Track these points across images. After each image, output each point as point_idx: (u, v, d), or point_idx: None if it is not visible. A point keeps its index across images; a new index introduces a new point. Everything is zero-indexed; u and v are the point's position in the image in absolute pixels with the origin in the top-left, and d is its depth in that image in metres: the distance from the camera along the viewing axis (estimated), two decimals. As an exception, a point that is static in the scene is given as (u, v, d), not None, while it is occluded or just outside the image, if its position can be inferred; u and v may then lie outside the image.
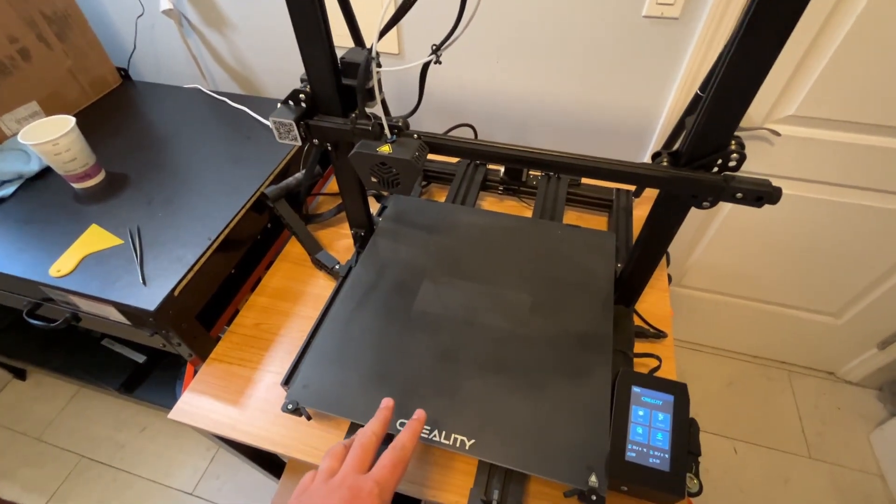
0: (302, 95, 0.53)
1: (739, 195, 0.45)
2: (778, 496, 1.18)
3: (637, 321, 0.70)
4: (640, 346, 0.67)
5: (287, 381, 0.59)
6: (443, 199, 0.85)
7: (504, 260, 0.67)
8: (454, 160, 0.91)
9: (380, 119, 0.49)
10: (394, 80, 1.00)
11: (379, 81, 0.55)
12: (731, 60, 0.38)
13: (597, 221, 0.86)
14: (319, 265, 0.77)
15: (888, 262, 1.03)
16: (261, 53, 1.06)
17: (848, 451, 1.24)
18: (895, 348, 1.20)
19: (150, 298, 0.60)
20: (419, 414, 0.47)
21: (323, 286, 0.78)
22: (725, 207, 1.04)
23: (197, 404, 0.64)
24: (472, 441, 0.49)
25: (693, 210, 1.13)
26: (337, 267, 0.74)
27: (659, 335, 0.67)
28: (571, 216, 0.88)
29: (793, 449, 1.25)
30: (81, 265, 0.65)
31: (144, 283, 0.63)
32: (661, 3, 0.75)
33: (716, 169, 0.46)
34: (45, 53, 0.88)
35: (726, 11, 0.72)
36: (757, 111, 0.86)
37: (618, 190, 0.85)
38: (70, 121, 0.72)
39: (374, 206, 0.86)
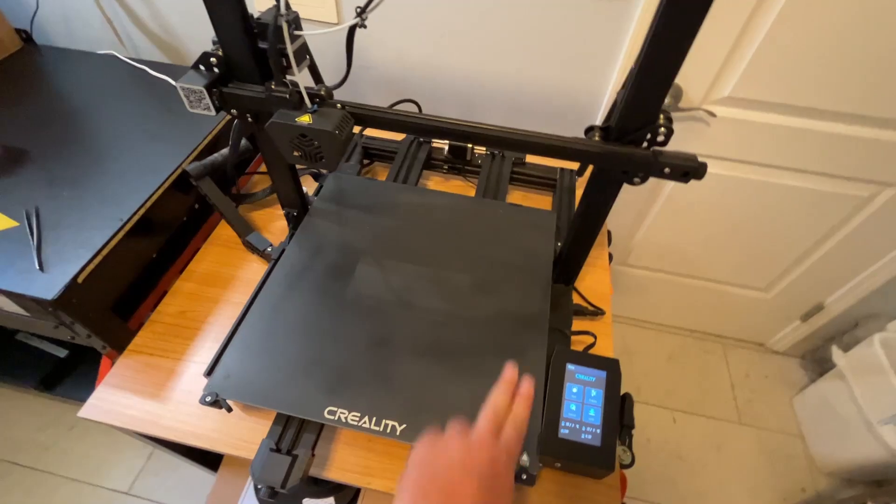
0: (213, 59, 0.48)
1: (667, 170, 0.45)
2: (712, 461, 1.25)
3: (577, 299, 0.71)
4: (579, 324, 0.67)
5: (210, 372, 0.55)
6: (384, 178, 0.82)
7: (444, 240, 0.65)
8: (399, 138, 0.88)
9: (298, 87, 0.45)
10: (334, 49, 0.94)
11: (305, 46, 0.51)
12: (654, 34, 0.37)
13: (542, 201, 0.86)
14: (251, 248, 0.72)
15: (810, 240, 1.10)
16: (187, 16, 0.97)
17: (773, 415, 1.34)
18: (816, 320, 1.30)
19: (48, 286, 0.54)
20: (525, 388, 0.44)
21: (256, 270, 0.73)
22: (666, 188, 1.07)
23: (112, 400, 0.59)
24: (403, 426, 0.47)
25: (637, 191, 1.14)
26: (269, 249, 0.70)
27: (597, 313, 0.68)
28: (517, 195, 0.87)
29: (725, 416, 1.33)
30: (-33, 250, 0.58)
31: (41, 269, 0.56)
32: (603, -21, 0.74)
33: (645, 144, 0.45)
34: (-81, 8, 0.76)
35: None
36: (695, 92, 0.87)
37: (562, 169, 0.85)
38: (-52, 86, 0.63)
39: (313, 186, 0.82)
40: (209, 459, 0.85)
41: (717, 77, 0.84)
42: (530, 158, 0.86)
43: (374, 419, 0.47)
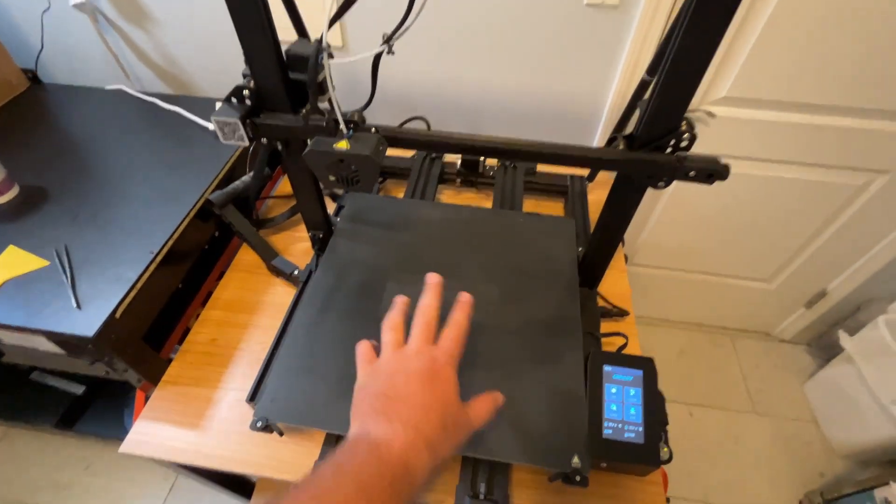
0: (246, 92, 0.50)
1: (692, 173, 0.47)
2: (730, 452, 1.27)
3: (600, 302, 0.72)
4: (605, 326, 0.69)
5: (253, 397, 0.56)
6: (400, 195, 0.84)
7: (468, 252, 0.66)
8: (409, 154, 0.90)
9: (334, 114, 0.46)
10: (339, 74, 0.96)
11: (330, 74, 0.53)
12: (680, 42, 0.39)
13: (554, 208, 0.88)
14: (277, 272, 0.73)
15: (810, 229, 1.13)
16: (190, 49, 0.99)
17: (786, 403, 1.36)
18: (819, 306, 1.33)
19: (87, 323, 0.55)
20: (464, 296, 0.46)
21: (282, 294, 0.74)
22: (669, 188, 1.09)
23: (152, 433, 0.59)
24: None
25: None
26: (296, 272, 0.71)
27: (622, 314, 0.70)
28: (529, 204, 0.89)
29: (740, 407, 1.35)
30: (2, 292, 0.58)
31: (79, 306, 0.56)
32: (601, -8, 0.77)
33: (669, 150, 0.47)
34: (-69, 55, 0.77)
35: (658, 7, 0.76)
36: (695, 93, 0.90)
37: (572, 176, 0.87)
38: (-30, 130, 0.64)
39: (330, 207, 0.83)
40: (238, 485, 0.84)
41: (714, 78, 0.88)
42: (540, 167, 0.88)
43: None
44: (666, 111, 0.44)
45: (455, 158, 0.87)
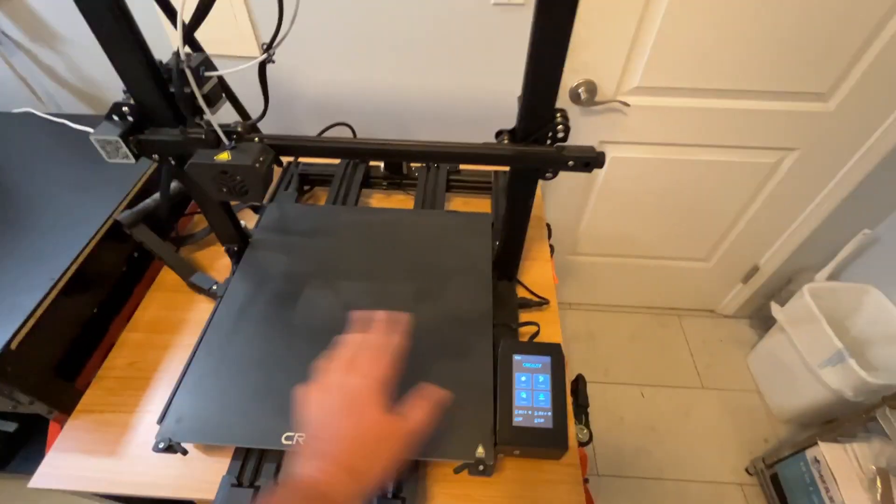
0: (126, 108, 0.49)
1: (571, 163, 0.49)
2: (681, 427, 1.31)
3: (523, 293, 0.74)
4: (526, 316, 0.70)
5: (163, 419, 0.55)
6: (324, 202, 0.83)
7: (384, 254, 0.67)
8: (335, 162, 0.90)
9: (213, 126, 0.46)
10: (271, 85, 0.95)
11: (219, 86, 0.52)
12: (533, 41, 0.41)
13: (481, 204, 0.89)
14: (196, 288, 0.72)
15: (735, 208, 1.19)
16: (105, 66, 0.96)
17: (731, 376, 1.42)
18: (755, 281, 1.39)
19: (-22, 357, 0.52)
20: (396, 316, 0.47)
21: (205, 310, 0.72)
22: (598, 178, 1.13)
23: (64, 465, 0.58)
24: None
25: (573, 184, 1.20)
26: (214, 287, 0.70)
27: (542, 302, 0.72)
28: (458, 202, 0.90)
29: (689, 383, 1.41)
30: None
31: (-29, 340, 0.54)
32: (506, -9, 0.79)
33: (549, 142, 0.49)
34: None
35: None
36: (608, 85, 0.93)
37: (496, 172, 0.89)
38: None
39: (253, 218, 0.82)
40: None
41: (625, 70, 0.91)
42: (464, 165, 0.89)
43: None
44: (536, 104, 0.46)
45: (379, 162, 0.88)
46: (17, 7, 0.86)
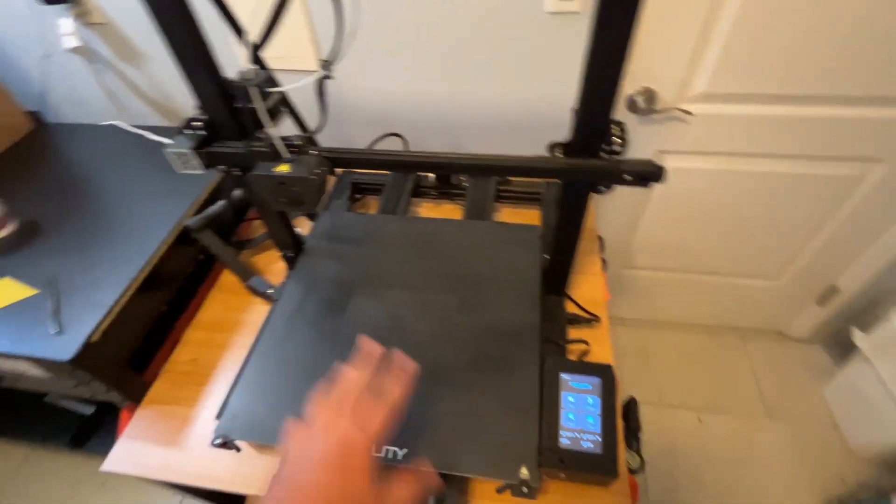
0: (197, 123, 0.52)
1: (628, 177, 0.47)
2: (743, 459, 1.22)
3: (573, 308, 0.72)
4: (575, 333, 0.68)
5: (220, 415, 0.58)
6: (375, 211, 0.85)
7: (431, 264, 0.67)
8: (387, 172, 0.92)
9: (273, 140, 0.48)
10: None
11: (280, 101, 0.55)
12: (590, 55, 0.39)
13: (530, 215, 0.87)
14: (254, 291, 0.76)
15: (810, 224, 1.09)
16: (181, 82, 1.04)
17: (803, 406, 1.30)
18: (832, 303, 1.27)
19: (65, 348, 0.58)
20: (411, 365, 0.41)
21: (261, 312, 0.76)
22: (657, 188, 1.08)
23: (132, 451, 0.62)
24: (405, 451, 0.49)
25: (627, 195, 1.16)
26: (270, 291, 0.73)
27: (592, 319, 0.69)
28: (507, 213, 0.89)
29: (752, 411, 1.30)
30: (-8, 322, 0.62)
31: (61, 332, 0.60)
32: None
33: (604, 154, 0.47)
34: (-60, 105, 0.83)
35: (620, 2, 0.75)
36: (668, 93, 0.89)
37: (547, 183, 0.87)
38: (-33, 173, 0.69)
39: (307, 225, 0.85)
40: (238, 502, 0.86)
41: (688, 76, 0.86)
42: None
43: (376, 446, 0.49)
44: (592, 117, 0.44)
45: (428, 172, 0.88)
46: (109, 30, 0.95)
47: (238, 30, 0.51)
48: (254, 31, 0.41)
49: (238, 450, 0.55)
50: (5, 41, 1.00)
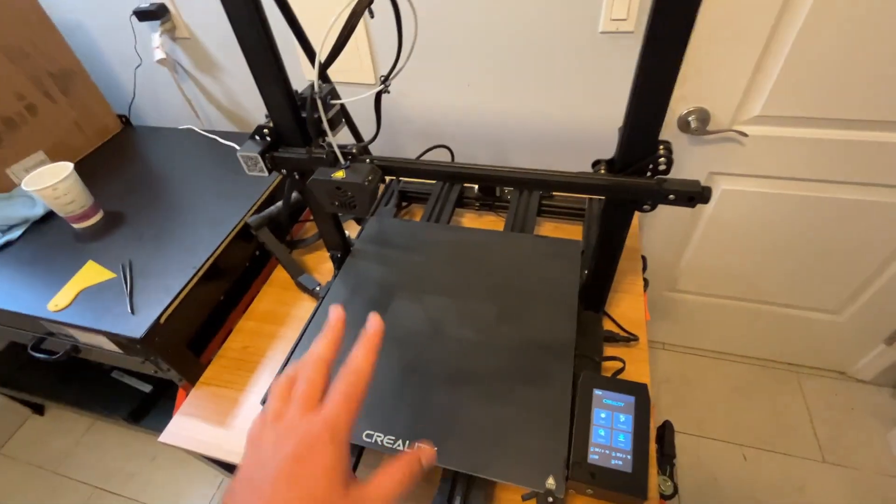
0: (266, 130, 0.57)
1: (672, 196, 0.47)
2: (794, 502, 1.14)
3: (611, 326, 0.71)
4: (611, 350, 0.67)
5: (265, 400, 0.62)
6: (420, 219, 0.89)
7: (472, 273, 0.69)
8: (433, 181, 0.95)
9: (333, 147, 0.52)
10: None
11: (340, 112, 0.59)
12: (639, 72, 0.41)
13: (573, 231, 0.88)
14: (302, 288, 0.80)
15: (878, 256, 1.02)
16: (250, 92, 1.13)
17: (865, 453, 1.20)
18: (903, 343, 1.17)
19: (137, 327, 0.64)
20: (374, 325, 0.36)
21: (308, 308, 0.81)
22: (706, 210, 1.05)
23: (186, 427, 0.67)
24: (435, 449, 0.50)
25: (675, 216, 1.14)
26: (317, 288, 0.77)
27: (630, 339, 0.68)
28: (549, 227, 0.90)
29: (805, 453, 1.21)
30: (77, 299, 0.70)
31: (133, 312, 0.67)
32: (615, 20, 0.79)
33: (649, 174, 0.48)
34: (50, 107, 0.95)
35: (676, 22, 0.75)
36: (723, 114, 0.87)
37: (590, 199, 0.87)
38: (68, 167, 0.79)
39: (355, 229, 0.90)
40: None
41: (745, 97, 0.84)
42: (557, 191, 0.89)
43: (408, 442, 0.51)
44: (639, 136, 0.45)
45: (473, 184, 0.91)
46: (191, 44, 1.05)
47: (309, 49, 0.56)
48: (318, 46, 0.45)
49: (280, 433, 0.59)
50: (106, 52, 1.13)
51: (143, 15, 0.99)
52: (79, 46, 1.04)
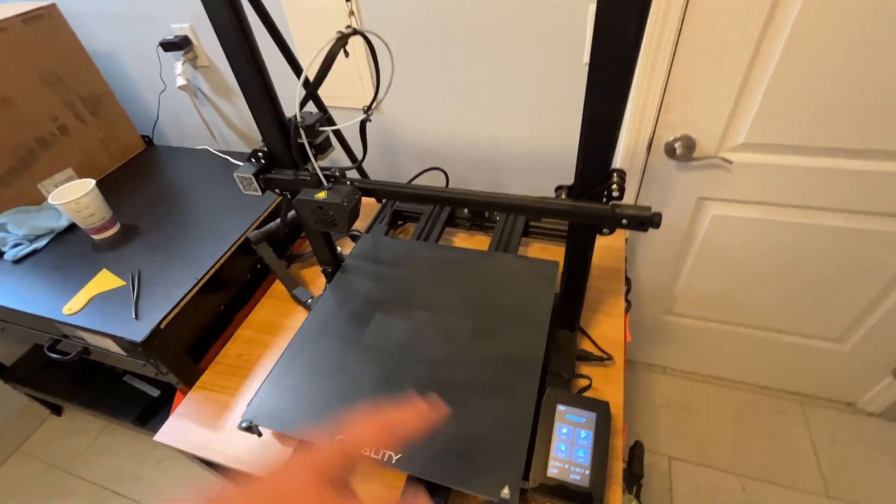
0: (260, 153, 0.63)
1: (625, 221, 0.50)
2: (793, 538, 1.10)
3: (589, 346, 0.73)
4: (586, 369, 0.69)
5: (250, 427, 0.66)
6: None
7: (453, 290, 0.72)
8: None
9: (315, 170, 0.57)
10: (374, 131, 1.10)
11: (328, 139, 0.65)
12: (587, 106, 0.44)
13: (558, 252, 0.90)
14: (296, 300, 0.85)
15: (876, 286, 1.00)
16: (263, 116, 1.20)
17: (871, 488, 1.15)
18: (910, 375, 1.14)
19: (139, 331, 0.70)
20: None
21: (301, 319, 0.85)
22: (698, 235, 1.06)
23: (180, 428, 0.72)
24: (399, 455, 0.53)
25: (667, 240, 1.15)
26: (310, 301, 0.82)
27: (604, 358, 0.70)
28: (536, 248, 0.92)
29: (808, 486, 1.17)
30: (90, 304, 0.76)
31: (137, 317, 0.72)
32: (599, 52, 0.82)
33: (605, 199, 0.51)
34: (80, 128, 1.04)
35: (656, 60, 0.79)
36: (708, 142, 0.89)
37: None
38: (90, 183, 0.86)
39: (350, 246, 0.95)
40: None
41: (729, 126, 0.86)
42: (545, 213, 0.92)
43: (373, 448, 0.54)
44: (592, 164, 0.48)
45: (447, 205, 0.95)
46: (210, 71, 1.14)
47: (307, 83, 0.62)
48: (300, 81, 0.51)
49: (259, 434, 0.62)
50: (134, 78, 1.23)
51: (168, 46, 1.08)
52: (109, 73, 1.14)
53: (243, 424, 0.59)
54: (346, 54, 0.48)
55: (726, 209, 0.98)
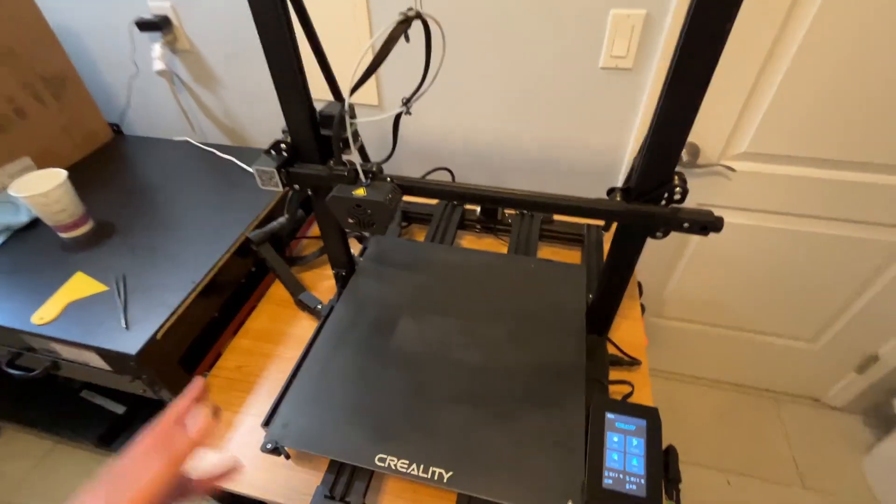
0: (283, 145, 0.57)
1: (686, 225, 0.49)
2: (775, 530, 1.15)
3: (612, 350, 0.72)
4: (615, 374, 0.68)
5: (268, 422, 0.59)
6: (422, 239, 0.89)
7: (479, 295, 0.69)
8: (433, 202, 0.96)
9: (355, 165, 0.53)
10: (374, 127, 1.06)
11: (355, 131, 0.60)
12: (662, 107, 0.43)
13: (571, 255, 0.90)
14: (303, 306, 0.79)
15: (850, 288, 1.08)
16: (247, 106, 1.12)
17: (841, 478, 1.23)
18: (872, 372, 1.23)
19: (132, 342, 0.61)
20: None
21: (306, 327, 0.79)
22: (693, 240, 1.09)
23: (176, 450, 0.64)
24: (451, 473, 0.49)
25: (663, 244, 1.17)
26: (319, 307, 0.76)
27: (633, 363, 0.69)
28: (546, 251, 0.91)
29: (786, 479, 1.24)
30: (65, 312, 0.66)
31: (127, 327, 0.64)
32: (615, 56, 0.83)
33: (664, 202, 0.50)
34: (39, 111, 0.92)
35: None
36: (712, 149, 0.92)
37: (588, 225, 0.89)
38: (62, 174, 0.76)
39: (356, 248, 0.89)
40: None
41: (733, 134, 0.89)
42: (558, 216, 0.91)
43: (422, 466, 0.50)
44: (656, 166, 0.47)
45: (475, 206, 0.92)
46: (191, 57, 1.05)
47: (327, 68, 0.57)
48: (354, 67, 0.46)
49: (287, 457, 0.56)
50: (101, 59, 1.11)
51: (144, 25, 0.97)
52: (73, 51, 1.01)
53: (269, 446, 0.53)
54: (408, 39, 0.44)
55: (722, 215, 1.02)
